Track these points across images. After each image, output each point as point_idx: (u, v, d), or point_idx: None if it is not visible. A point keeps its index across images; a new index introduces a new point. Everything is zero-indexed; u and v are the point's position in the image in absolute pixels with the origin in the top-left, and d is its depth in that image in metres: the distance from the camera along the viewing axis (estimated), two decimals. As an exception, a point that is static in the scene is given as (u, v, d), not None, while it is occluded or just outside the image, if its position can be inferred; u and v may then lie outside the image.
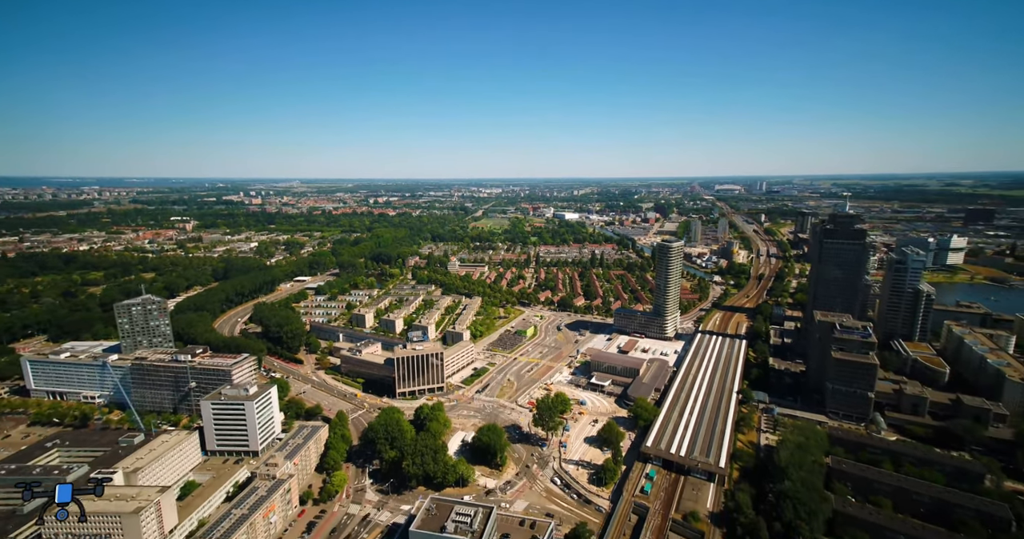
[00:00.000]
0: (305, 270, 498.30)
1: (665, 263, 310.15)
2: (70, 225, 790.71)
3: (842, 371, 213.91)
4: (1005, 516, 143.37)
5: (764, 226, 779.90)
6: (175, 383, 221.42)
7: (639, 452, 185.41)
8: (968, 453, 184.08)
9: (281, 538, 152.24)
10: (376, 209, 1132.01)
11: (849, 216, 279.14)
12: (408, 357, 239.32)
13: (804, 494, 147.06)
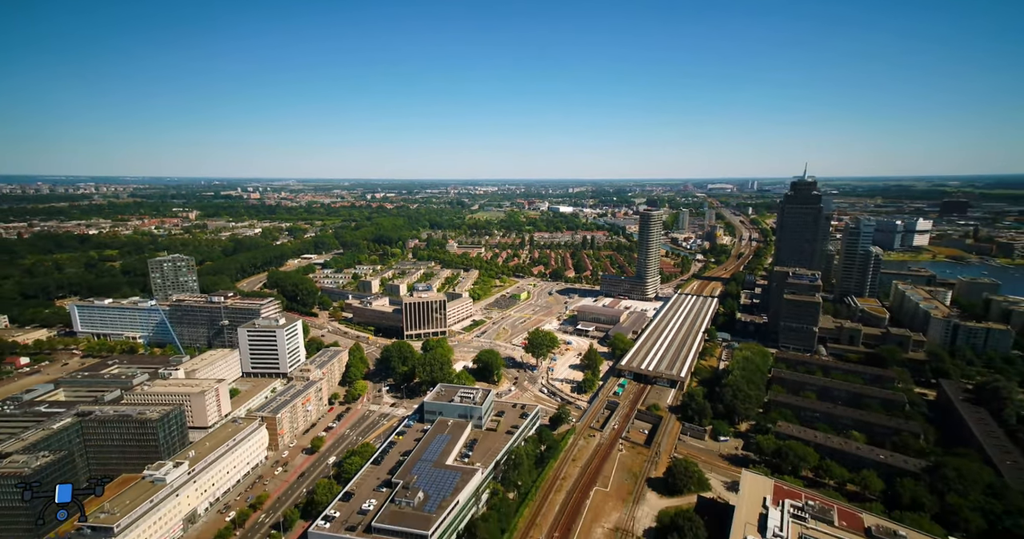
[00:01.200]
0: (311, 249, 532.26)
1: (646, 229, 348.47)
2: (74, 214, 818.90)
3: (791, 310, 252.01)
4: (901, 401, 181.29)
5: (750, 217, 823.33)
6: (210, 321, 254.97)
7: (614, 369, 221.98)
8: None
9: (315, 424, 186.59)
10: (374, 203, 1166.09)
11: (807, 183, 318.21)
12: (415, 303, 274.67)
13: (743, 384, 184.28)
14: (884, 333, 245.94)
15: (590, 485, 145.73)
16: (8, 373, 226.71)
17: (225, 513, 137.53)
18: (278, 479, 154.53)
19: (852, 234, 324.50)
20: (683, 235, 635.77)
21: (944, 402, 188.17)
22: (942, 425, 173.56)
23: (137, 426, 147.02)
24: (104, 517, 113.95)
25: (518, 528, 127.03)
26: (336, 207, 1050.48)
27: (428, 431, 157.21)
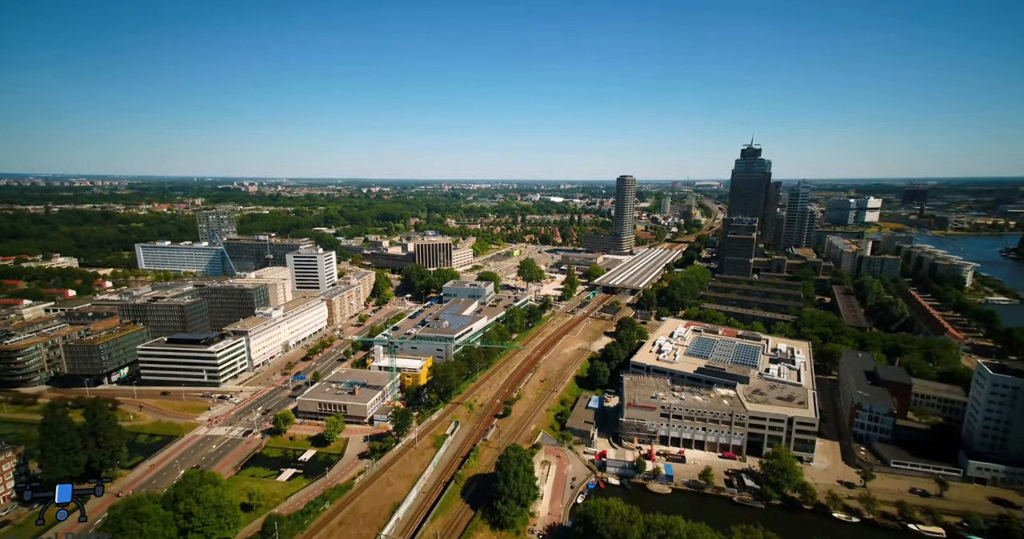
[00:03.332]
0: (321, 223, 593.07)
1: (622, 192, 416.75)
2: (83, 199, 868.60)
3: (732, 246, 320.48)
4: (797, 295, 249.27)
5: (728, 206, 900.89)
6: (257, 255, 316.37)
7: (589, 285, 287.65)
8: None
9: (355, 314, 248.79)
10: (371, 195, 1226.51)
11: (754, 150, 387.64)
12: (425, 244, 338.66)
13: (684, 283, 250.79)
14: (803, 263, 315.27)
15: (565, 333, 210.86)
16: (96, 291, 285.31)
17: (305, 348, 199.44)
18: (338, 339, 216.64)
19: (794, 196, 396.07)
20: (663, 216, 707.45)
21: (832, 298, 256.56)
22: (825, 308, 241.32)
23: (239, 293, 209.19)
24: (239, 326, 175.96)
25: (513, 344, 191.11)
26: (336, 197, 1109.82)
27: (447, 302, 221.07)
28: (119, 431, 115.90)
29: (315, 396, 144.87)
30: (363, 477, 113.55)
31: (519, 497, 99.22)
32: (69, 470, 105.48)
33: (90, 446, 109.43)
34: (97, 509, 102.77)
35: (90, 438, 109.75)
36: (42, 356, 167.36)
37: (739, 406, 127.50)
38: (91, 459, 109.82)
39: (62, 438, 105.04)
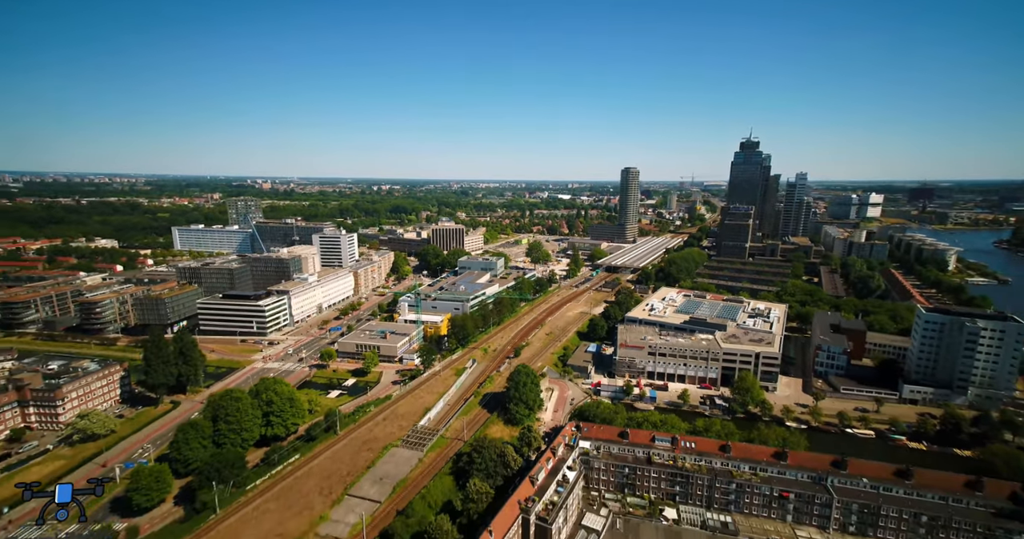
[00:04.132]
0: (336, 215, 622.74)
1: (626, 184, 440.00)
2: (108, 193, 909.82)
3: (729, 231, 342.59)
4: (786, 273, 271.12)
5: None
6: (284, 237, 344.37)
7: (592, 265, 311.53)
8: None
9: (378, 286, 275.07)
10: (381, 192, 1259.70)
11: (752, 143, 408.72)
12: (439, 229, 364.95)
13: (680, 261, 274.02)
14: (796, 247, 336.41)
15: (569, 301, 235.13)
16: (140, 268, 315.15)
17: (336, 310, 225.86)
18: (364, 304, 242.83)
19: (791, 188, 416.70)
20: (669, 212, 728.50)
21: (819, 278, 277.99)
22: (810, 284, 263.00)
23: (277, 262, 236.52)
24: (281, 287, 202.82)
25: (522, 310, 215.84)
26: (348, 194, 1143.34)
27: (461, 274, 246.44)
28: (199, 353, 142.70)
29: (352, 339, 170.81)
30: (398, 393, 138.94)
31: (527, 402, 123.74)
32: (166, 378, 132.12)
33: (179, 363, 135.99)
34: (192, 408, 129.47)
35: (179, 356, 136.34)
36: (115, 309, 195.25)
37: (715, 346, 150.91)
38: (180, 373, 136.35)
39: (161, 353, 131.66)
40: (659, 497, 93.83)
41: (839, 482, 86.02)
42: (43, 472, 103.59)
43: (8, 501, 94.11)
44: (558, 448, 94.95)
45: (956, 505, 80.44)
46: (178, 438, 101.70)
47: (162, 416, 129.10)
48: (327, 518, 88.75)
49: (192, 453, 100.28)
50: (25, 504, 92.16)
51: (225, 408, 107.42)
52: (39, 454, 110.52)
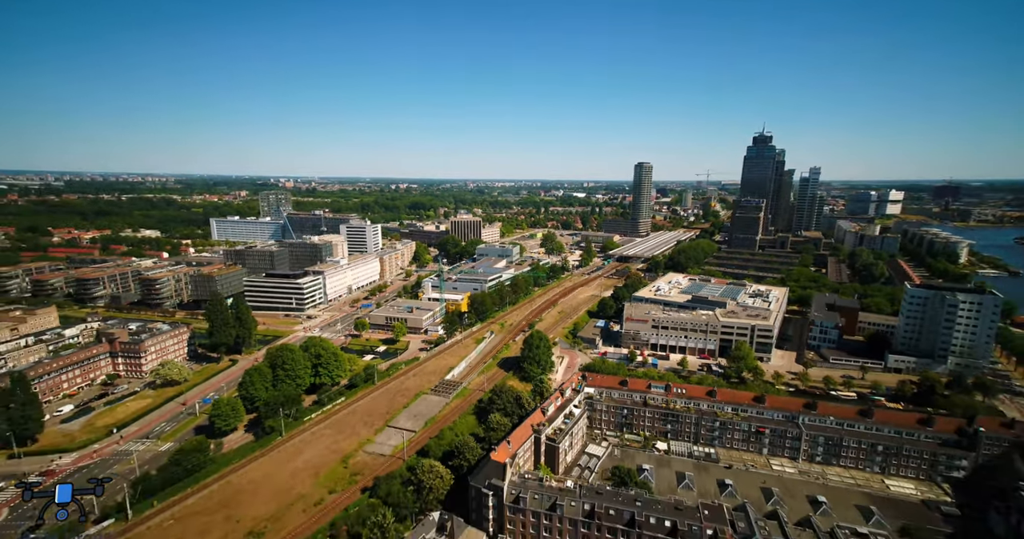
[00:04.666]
0: (357, 211, 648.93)
1: (639, 179, 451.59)
2: (143, 190, 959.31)
3: (740, 224, 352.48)
4: (792, 263, 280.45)
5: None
6: (313, 227, 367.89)
7: (604, 256, 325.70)
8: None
9: (402, 271, 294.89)
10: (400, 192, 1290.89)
11: (765, 137, 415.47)
12: (458, 221, 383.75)
13: (690, 250, 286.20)
14: (806, 240, 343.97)
15: (581, 286, 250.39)
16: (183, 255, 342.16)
17: (365, 291, 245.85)
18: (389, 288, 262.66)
19: (804, 182, 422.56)
20: (684, 209, 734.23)
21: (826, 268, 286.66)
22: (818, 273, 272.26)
23: (311, 247, 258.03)
24: (318, 268, 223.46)
25: (536, 293, 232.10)
26: (367, 192, 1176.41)
27: (479, 260, 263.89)
28: (252, 318, 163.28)
29: (383, 312, 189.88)
30: (425, 356, 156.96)
31: (540, 362, 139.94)
32: (226, 338, 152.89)
33: (236, 325, 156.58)
34: (248, 364, 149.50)
35: (235, 320, 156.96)
36: (171, 286, 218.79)
37: (714, 320, 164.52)
38: (237, 335, 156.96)
39: (222, 315, 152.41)
40: (652, 434, 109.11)
41: (808, 420, 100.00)
42: (138, 406, 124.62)
43: (120, 422, 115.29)
44: (566, 391, 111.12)
45: (908, 437, 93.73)
46: (245, 380, 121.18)
47: (223, 370, 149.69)
48: (372, 441, 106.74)
49: (256, 392, 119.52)
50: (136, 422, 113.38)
51: (282, 357, 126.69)
52: (129, 395, 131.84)
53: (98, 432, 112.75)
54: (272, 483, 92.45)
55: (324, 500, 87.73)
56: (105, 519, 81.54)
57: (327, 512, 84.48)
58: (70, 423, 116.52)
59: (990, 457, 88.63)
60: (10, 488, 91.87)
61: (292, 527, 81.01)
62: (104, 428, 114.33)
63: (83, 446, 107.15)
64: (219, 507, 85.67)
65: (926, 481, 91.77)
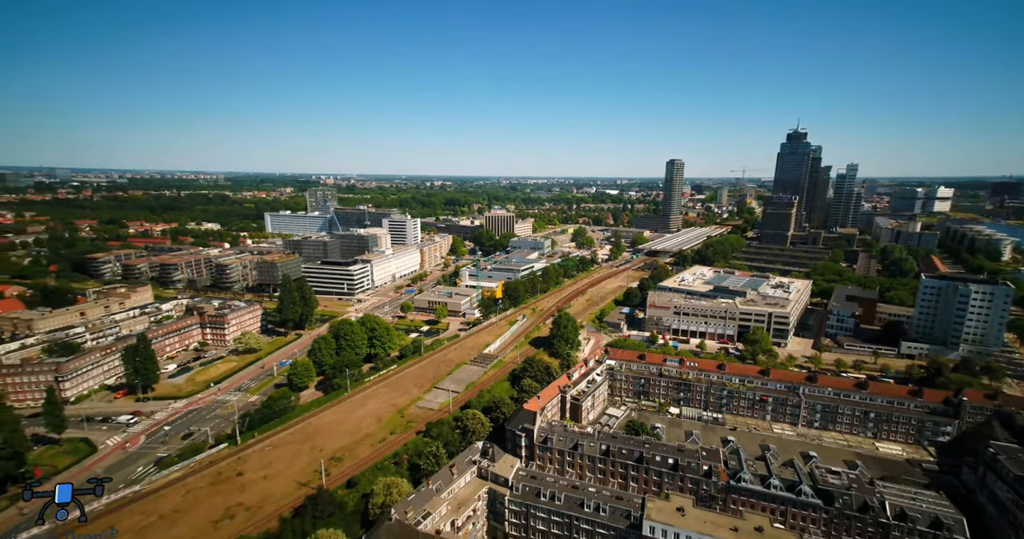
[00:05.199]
0: (396, 206, 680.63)
1: (671, 175, 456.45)
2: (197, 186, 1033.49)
3: (771, 220, 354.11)
4: (822, 258, 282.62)
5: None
6: (357, 221, 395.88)
7: (633, 250, 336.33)
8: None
9: (440, 262, 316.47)
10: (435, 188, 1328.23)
11: (800, 134, 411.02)
12: (492, 216, 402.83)
13: (718, 245, 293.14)
14: (839, 236, 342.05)
15: (609, 277, 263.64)
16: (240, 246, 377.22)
17: (407, 279, 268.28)
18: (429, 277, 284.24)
19: (840, 178, 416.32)
20: (718, 206, 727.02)
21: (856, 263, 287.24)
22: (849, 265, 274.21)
23: (358, 238, 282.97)
24: (365, 257, 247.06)
25: (566, 283, 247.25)
26: (404, 189, 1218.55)
27: (512, 252, 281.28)
28: (314, 298, 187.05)
29: (425, 296, 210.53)
30: (464, 334, 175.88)
31: (568, 340, 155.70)
32: (293, 314, 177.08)
33: (301, 304, 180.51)
34: (311, 338, 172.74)
35: (300, 299, 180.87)
36: (239, 271, 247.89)
37: (733, 307, 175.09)
38: (301, 312, 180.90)
39: (291, 295, 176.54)
40: (667, 400, 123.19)
41: (808, 391, 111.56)
42: (226, 368, 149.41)
43: (214, 379, 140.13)
44: (590, 361, 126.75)
45: (899, 406, 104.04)
46: (314, 347, 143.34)
47: (290, 343, 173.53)
48: (422, 398, 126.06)
49: (323, 358, 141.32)
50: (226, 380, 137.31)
51: (343, 330, 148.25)
52: (218, 358, 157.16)
53: (198, 386, 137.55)
54: (343, 425, 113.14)
55: (386, 438, 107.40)
56: (218, 444, 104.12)
57: (390, 447, 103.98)
58: (176, 378, 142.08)
59: (973, 424, 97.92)
60: (146, 420, 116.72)
61: (363, 456, 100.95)
62: (203, 383, 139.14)
63: (189, 395, 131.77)
64: (304, 440, 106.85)
65: (913, 445, 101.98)
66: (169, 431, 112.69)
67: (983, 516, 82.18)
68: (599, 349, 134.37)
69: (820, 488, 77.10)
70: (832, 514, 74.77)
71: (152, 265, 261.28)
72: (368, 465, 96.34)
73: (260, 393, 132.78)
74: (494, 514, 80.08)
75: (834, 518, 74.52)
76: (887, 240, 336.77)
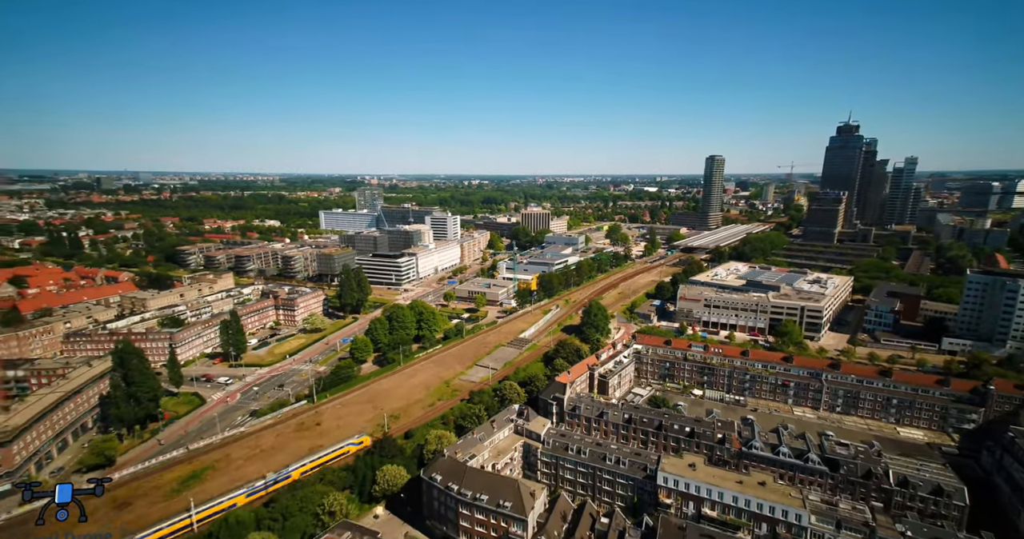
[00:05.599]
0: (436, 205, 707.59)
1: (710, 171, 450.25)
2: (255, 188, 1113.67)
3: (816, 216, 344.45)
4: (870, 254, 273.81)
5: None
6: (402, 218, 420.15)
7: (668, 246, 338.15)
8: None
9: (479, 256, 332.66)
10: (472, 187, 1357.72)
11: (850, 127, 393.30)
12: (528, 213, 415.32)
13: (756, 242, 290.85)
14: (892, 233, 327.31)
15: (642, 272, 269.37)
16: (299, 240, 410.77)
17: (448, 272, 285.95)
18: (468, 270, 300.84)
19: (897, 173, 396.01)
20: (763, 202, 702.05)
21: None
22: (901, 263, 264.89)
23: (404, 233, 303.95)
24: (411, 251, 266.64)
25: (598, 277, 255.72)
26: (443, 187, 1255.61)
27: (547, 247, 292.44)
28: (369, 287, 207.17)
29: (466, 287, 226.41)
30: (501, 321, 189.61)
31: (598, 327, 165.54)
32: (351, 299, 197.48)
33: (358, 290, 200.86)
34: (367, 320, 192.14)
35: (357, 286, 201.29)
36: (302, 262, 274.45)
37: (765, 300, 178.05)
38: (358, 298, 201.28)
39: (350, 283, 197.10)
40: (691, 383, 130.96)
41: (831, 377, 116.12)
42: (297, 344, 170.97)
43: (289, 352, 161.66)
44: (618, 344, 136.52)
45: (923, 393, 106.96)
46: (371, 327, 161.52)
47: (348, 325, 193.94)
48: (464, 373, 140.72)
49: (379, 336, 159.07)
50: (299, 353, 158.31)
51: (396, 313, 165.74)
52: (290, 335, 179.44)
53: (277, 357, 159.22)
54: (398, 391, 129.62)
55: (435, 404, 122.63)
56: (298, 401, 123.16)
57: (437, 410, 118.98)
58: (258, 350, 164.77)
59: (1000, 413, 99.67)
60: (239, 382, 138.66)
61: (416, 416, 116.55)
62: (280, 354, 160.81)
63: (270, 364, 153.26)
64: (366, 400, 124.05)
65: (937, 431, 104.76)
66: (258, 391, 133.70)
67: (997, 495, 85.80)
68: (627, 335, 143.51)
69: (827, 457, 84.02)
70: (837, 480, 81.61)
71: (228, 257, 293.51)
72: (420, 423, 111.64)
73: (327, 365, 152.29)
74: (528, 464, 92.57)
75: (839, 483, 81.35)
76: (948, 238, 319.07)
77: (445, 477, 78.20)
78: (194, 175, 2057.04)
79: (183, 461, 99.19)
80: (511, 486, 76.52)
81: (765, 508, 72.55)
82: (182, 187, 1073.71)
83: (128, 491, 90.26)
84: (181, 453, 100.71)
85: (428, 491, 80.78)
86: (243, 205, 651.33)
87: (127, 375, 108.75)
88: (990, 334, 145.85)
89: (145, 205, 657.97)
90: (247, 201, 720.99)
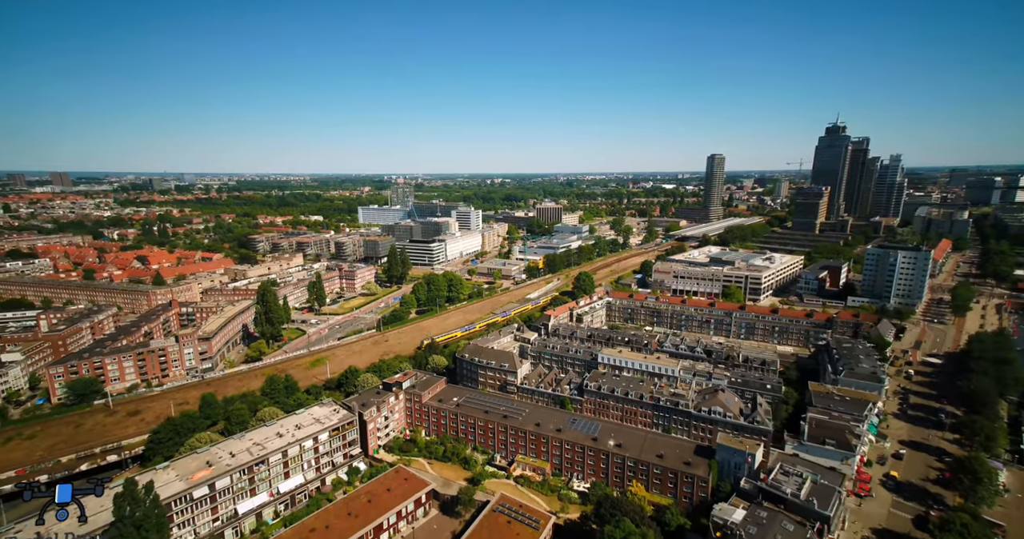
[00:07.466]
0: (461, 201, 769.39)
1: (711, 170, 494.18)
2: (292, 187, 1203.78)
3: (800, 209, 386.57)
4: (837, 243, 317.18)
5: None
6: (431, 213, 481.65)
7: (665, 236, 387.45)
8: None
9: (498, 244, 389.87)
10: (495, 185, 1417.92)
11: (838, 127, 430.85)
12: (542, 208, 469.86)
13: (738, 230, 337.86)
14: (867, 223, 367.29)
15: (635, 256, 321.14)
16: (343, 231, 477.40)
17: (471, 256, 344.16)
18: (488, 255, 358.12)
19: (883, 170, 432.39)
20: (773, 198, 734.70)
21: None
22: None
23: (434, 224, 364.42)
24: (440, 238, 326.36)
25: (596, 259, 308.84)
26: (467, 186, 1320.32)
27: (555, 235, 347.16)
28: (409, 264, 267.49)
29: (485, 265, 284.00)
30: (513, 288, 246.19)
31: (585, 289, 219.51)
32: (398, 273, 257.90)
33: (401, 266, 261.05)
34: (408, 288, 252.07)
35: (401, 262, 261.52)
36: (351, 247, 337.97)
37: (719, 272, 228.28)
38: (402, 271, 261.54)
39: (396, 258, 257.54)
40: (645, 323, 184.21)
41: (738, 315, 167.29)
42: (359, 302, 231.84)
43: (354, 307, 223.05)
44: (593, 297, 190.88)
45: (795, 323, 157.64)
46: (415, 289, 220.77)
47: (394, 291, 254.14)
48: (483, 319, 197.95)
49: (420, 295, 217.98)
50: (361, 308, 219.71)
51: (432, 279, 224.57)
52: (353, 297, 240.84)
53: (346, 310, 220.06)
54: (437, 326, 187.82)
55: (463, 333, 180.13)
56: (369, 330, 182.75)
57: (466, 335, 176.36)
58: (332, 306, 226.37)
59: (841, 334, 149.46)
60: (324, 323, 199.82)
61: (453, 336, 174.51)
62: (349, 308, 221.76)
63: (342, 314, 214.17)
64: (417, 331, 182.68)
65: (801, 346, 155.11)
66: (338, 330, 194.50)
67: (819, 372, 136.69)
68: (601, 291, 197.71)
69: (707, 349, 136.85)
70: (711, 359, 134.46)
71: (291, 243, 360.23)
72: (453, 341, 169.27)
73: (383, 315, 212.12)
74: (521, 355, 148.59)
75: (713, 361, 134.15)
76: (919, 226, 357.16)
77: (471, 355, 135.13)
78: (231, 176, 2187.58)
79: (307, 356, 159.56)
80: (509, 357, 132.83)
81: (655, 368, 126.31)
82: (224, 187, 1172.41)
83: (282, 367, 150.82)
84: (303, 352, 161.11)
85: (460, 363, 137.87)
86: (287, 202, 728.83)
87: (266, 305, 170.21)
88: (881, 292, 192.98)
89: (200, 203, 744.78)
90: (289, 199, 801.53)
